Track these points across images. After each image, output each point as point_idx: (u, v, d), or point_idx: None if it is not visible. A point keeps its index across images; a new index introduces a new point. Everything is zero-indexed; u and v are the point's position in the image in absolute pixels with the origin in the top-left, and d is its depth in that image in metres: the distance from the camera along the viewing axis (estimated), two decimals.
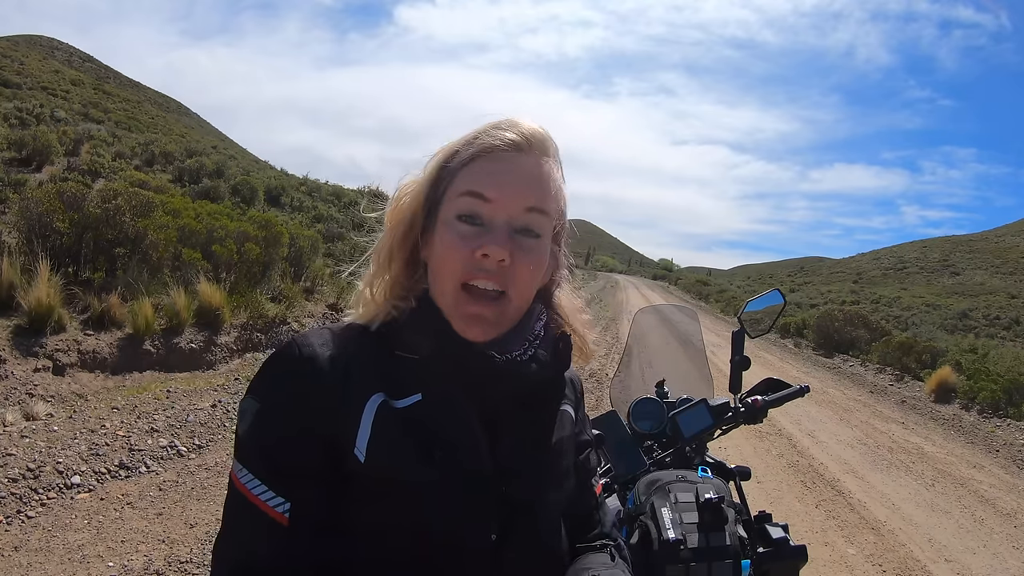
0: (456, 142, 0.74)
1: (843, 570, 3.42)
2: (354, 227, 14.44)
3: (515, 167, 0.71)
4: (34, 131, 12.12)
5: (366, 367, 0.70)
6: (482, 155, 0.72)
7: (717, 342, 7.27)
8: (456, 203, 0.71)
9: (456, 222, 0.70)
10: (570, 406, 0.85)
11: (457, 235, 0.70)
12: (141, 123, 24.52)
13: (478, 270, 0.69)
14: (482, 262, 0.68)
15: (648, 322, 1.92)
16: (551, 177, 0.74)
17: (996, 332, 23.79)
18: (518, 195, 0.71)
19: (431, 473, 0.68)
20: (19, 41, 41.73)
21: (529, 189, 0.71)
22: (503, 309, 0.71)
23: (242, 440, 0.68)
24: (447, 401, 0.71)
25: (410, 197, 0.76)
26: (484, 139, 0.72)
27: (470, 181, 0.71)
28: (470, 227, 0.70)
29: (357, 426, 0.67)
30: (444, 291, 0.71)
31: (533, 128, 0.73)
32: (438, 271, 0.72)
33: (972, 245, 55.52)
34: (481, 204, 0.70)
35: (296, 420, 0.67)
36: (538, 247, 0.72)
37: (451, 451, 0.69)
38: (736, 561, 1.10)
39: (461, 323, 0.70)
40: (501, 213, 0.70)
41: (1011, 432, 7.05)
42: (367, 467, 0.66)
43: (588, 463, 0.88)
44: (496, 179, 0.70)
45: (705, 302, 27.68)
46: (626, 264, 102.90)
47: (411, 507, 0.67)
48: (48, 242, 5.68)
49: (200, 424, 4.46)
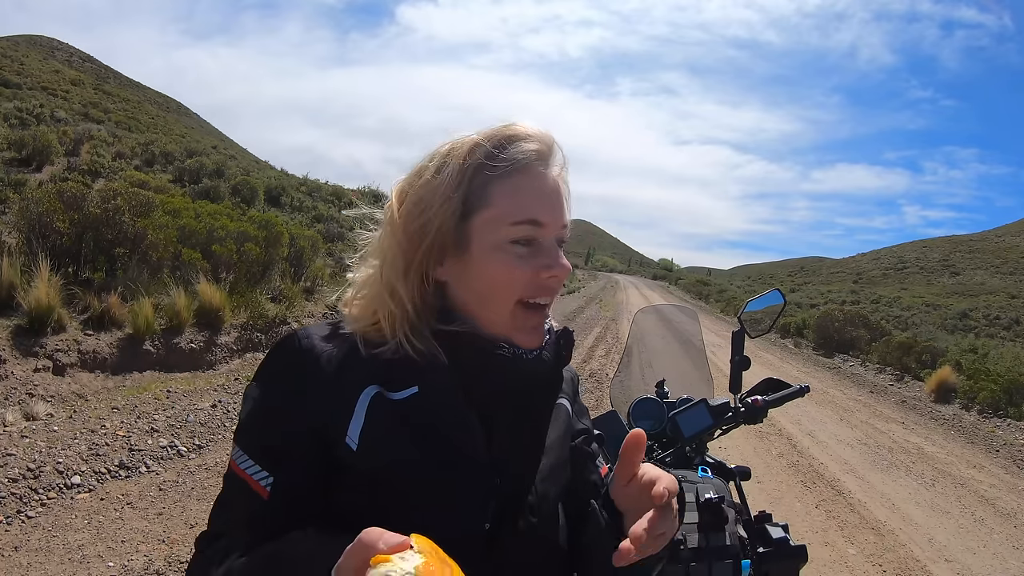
0: (473, 145, 0.72)
1: (843, 570, 3.42)
2: (353, 227, 14.42)
3: (549, 183, 0.74)
4: (34, 131, 12.13)
5: (362, 361, 0.73)
6: (514, 169, 0.72)
7: (717, 342, 7.28)
8: (511, 230, 0.71)
9: (511, 245, 0.72)
10: (566, 400, 0.86)
11: (517, 258, 0.72)
12: (141, 123, 24.52)
13: (542, 289, 0.73)
14: (548, 283, 0.73)
15: (648, 322, 1.92)
16: (566, 182, 0.77)
17: (996, 332, 23.79)
18: (560, 214, 0.74)
19: (424, 463, 0.70)
20: (19, 41, 41.73)
21: (563, 205, 0.75)
22: (547, 314, 0.77)
23: (241, 422, 0.74)
24: (444, 393, 0.72)
25: (435, 207, 0.71)
26: (517, 153, 0.72)
27: (518, 202, 0.72)
28: (525, 248, 0.72)
29: (350, 416, 0.70)
30: (501, 311, 0.73)
31: (548, 135, 0.75)
32: (495, 293, 0.73)
33: (972, 245, 55.52)
34: (536, 229, 0.72)
35: (289, 407, 0.71)
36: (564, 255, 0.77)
37: (446, 442, 0.71)
38: (736, 561, 1.10)
39: (524, 336, 0.74)
40: (551, 234, 0.73)
41: (1011, 432, 7.05)
42: (359, 456, 0.69)
43: (587, 447, 0.88)
44: (543, 198, 0.73)
45: (705, 302, 27.69)
46: (626, 264, 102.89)
47: (403, 496, 0.69)
48: (48, 242, 5.68)
49: (200, 424, 4.46)
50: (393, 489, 0.69)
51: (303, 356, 0.72)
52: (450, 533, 0.69)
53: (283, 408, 0.71)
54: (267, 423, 0.71)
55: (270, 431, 0.71)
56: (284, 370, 0.73)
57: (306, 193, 16.86)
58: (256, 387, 0.73)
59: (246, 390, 0.75)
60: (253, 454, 0.70)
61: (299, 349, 0.73)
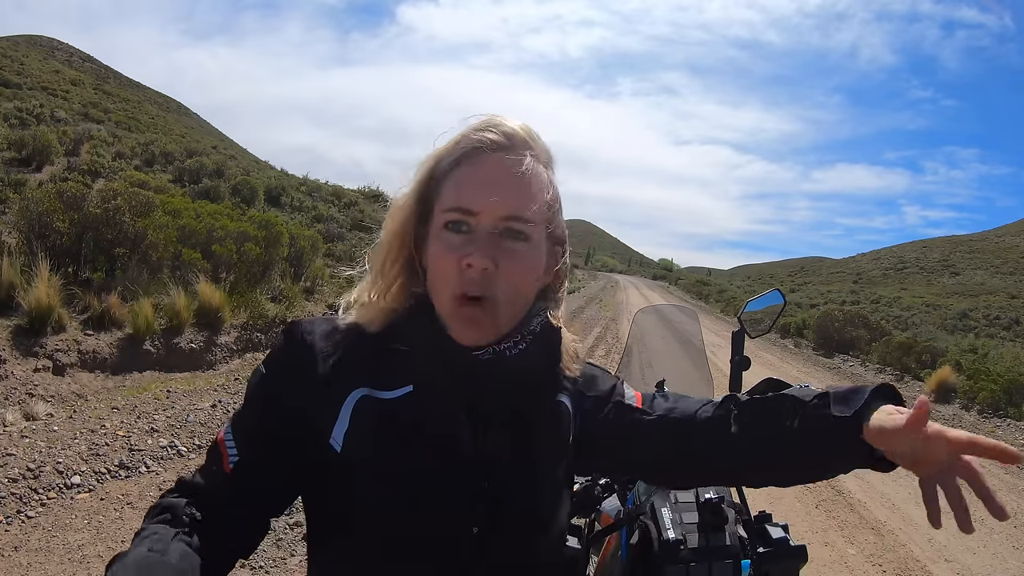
0: (441, 149, 0.74)
1: (843, 570, 3.42)
2: (353, 227, 14.44)
3: (498, 169, 0.71)
4: (34, 131, 12.12)
5: (356, 363, 0.73)
6: (464, 159, 0.72)
7: (717, 342, 7.27)
8: (443, 216, 0.71)
9: (444, 232, 0.71)
10: (567, 398, 0.82)
11: (445, 245, 0.71)
12: (141, 123, 24.52)
13: (466, 280, 0.70)
14: (467, 272, 0.69)
15: (648, 322, 1.92)
16: (536, 175, 0.72)
17: (996, 332, 23.79)
18: (501, 200, 0.70)
19: (411, 464, 0.70)
20: (19, 41, 41.74)
21: (513, 192, 0.70)
22: (493, 311, 0.71)
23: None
24: (434, 393, 0.72)
25: (401, 211, 0.76)
26: (465, 142, 0.72)
27: (455, 191, 0.71)
28: (457, 235, 0.71)
29: (335, 417, 0.71)
30: (441, 300, 0.72)
31: (514, 126, 0.73)
32: (433, 281, 0.73)
33: (972, 245, 55.54)
34: (466, 216, 0.71)
35: (276, 396, 0.73)
36: (526, 250, 0.72)
37: (433, 443, 0.71)
38: (736, 561, 1.10)
39: (456, 328, 0.72)
40: (485, 220, 0.70)
41: (1011, 432, 7.05)
42: (344, 457, 0.70)
43: (624, 406, 0.86)
44: (479, 186, 0.70)
45: (705, 302, 27.69)
46: (626, 264, 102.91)
47: (390, 498, 0.69)
48: (48, 242, 5.69)
49: (200, 424, 4.46)
50: (379, 490, 0.69)
51: (301, 349, 0.74)
52: (436, 535, 0.70)
53: (270, 395, 0.74)
54: (253, 406, 0.74)
55: (252, 414, 0.74)
56: (282, 360, 0.75)
57: (306, 193, 16.85)
58: (259, 369, 0.77)
59: (255, 368, 0.78)
60: (235, 431, 0.73)
61: (299, 341, 0.74)
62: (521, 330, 0.75)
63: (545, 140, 0.77)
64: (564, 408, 0.81)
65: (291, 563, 2.94)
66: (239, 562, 0.73)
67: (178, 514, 0.67)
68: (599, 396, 0.86)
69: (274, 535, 3.12)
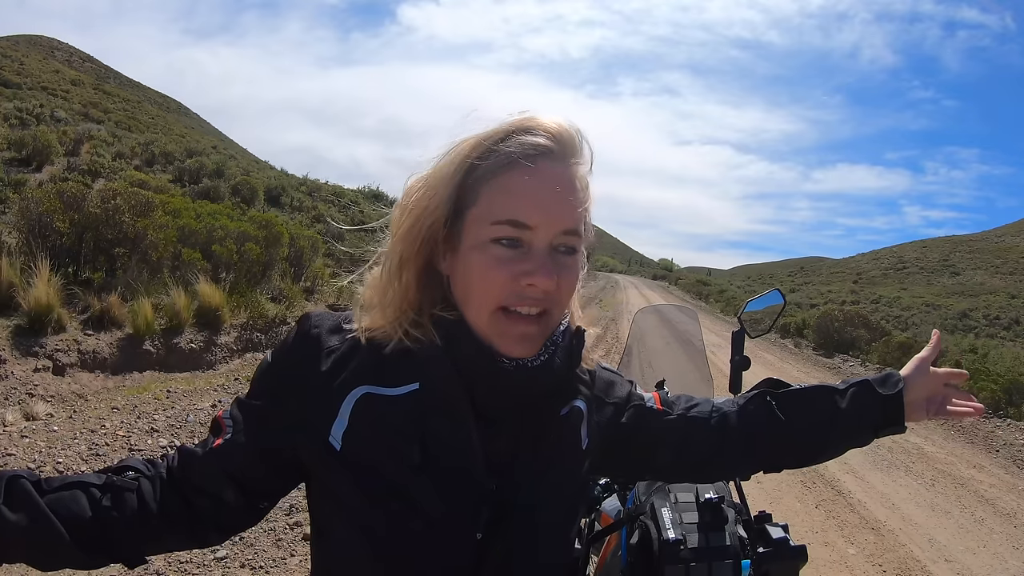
0: (479, 139, 0.68)
1: (843, 570, 3.42)
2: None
3: (551, 182, 0.66)
4: (34, 131, 12.12)
5: (359, 360, 0.71)
6: (513, 166, 0.66)
7: (717, 342, 7.27)
8: (492, 229, 0.66)
9: (491, 245, 0.66)
10: (582, 401, 0.80)
11: (495, 260, 0.66)
12: (141, 123, 24.52)
13: (522, 297, 0.66)
14: (527, 291, 0.66)
15: (648, 322, 1.92)
16: (584, 184, 0.70)
17: (996, 332, 23.80)
18: (559, 216, 0.66)
19: (411, 464, 0.68)
20: (19, 41, 41.75)
21: (568, 206, 0.67)
22: (545, 326, 0.69)
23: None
24: (443, 393, 0.69)
25: (429, 202, 0.69)
26: (514, 147, 0.66)
27: (506, 202, 0.66)
28: (508, 250, 0.66)
29: (335, 415, 0.70)
30: (480, 314, 0.68)
31: (561, 127, 0.68)
32: (472, 294, 0.68)
33: (972, 245, 55.54)
34: (520, 231, 0.66)
35: (277, 385, 0.74)
36: (575, 262, 0.70)
37: (438, 443, 0.68)
38: (736, 561, 1.10)
39: (505, 344, 0.68)
40: (542, 235, 0.66)
41: (1011, 432, 7.05)
42: (344, 455, 0.69)
43: (646, 409, 0.88)
44: (534, 199, 0.66)
45: (705, 302, 27.68)
46: (626, 264, 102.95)
47: (391, 498, 0.68)
48: (48, 242, 5.69)
49: (200, 424, 4.46)
50: (381, 491, 0.68)
51: (308, 342, 0.73)
52: (437, 540, 0.68)
53: (272, 385, 0.74)
54: (255, 392, 0.75)
55: (252, 400, 0.75)
56: (289, 351, 0.75)
57: (306, 193, 16.85)
58: (266, 358, 0.77)
59: (264, 355, 0.79)
60: (235, 411, 0.75)
61: (307, 335, 0.74)
62: (552, 338, 0.73)
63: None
64: (578, 411, 0.79)
65: (291, 563, 2.94)
66: (239, 562, 0.73)
67: (125, 473, 0.73)
68: (618, 403, 0.85)
69: (274, 535, 3.11)
